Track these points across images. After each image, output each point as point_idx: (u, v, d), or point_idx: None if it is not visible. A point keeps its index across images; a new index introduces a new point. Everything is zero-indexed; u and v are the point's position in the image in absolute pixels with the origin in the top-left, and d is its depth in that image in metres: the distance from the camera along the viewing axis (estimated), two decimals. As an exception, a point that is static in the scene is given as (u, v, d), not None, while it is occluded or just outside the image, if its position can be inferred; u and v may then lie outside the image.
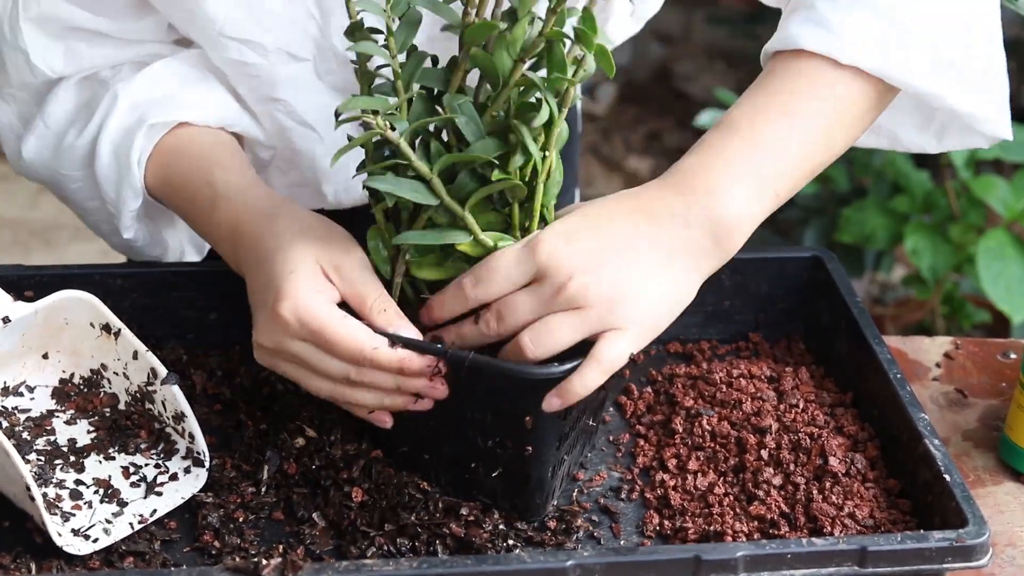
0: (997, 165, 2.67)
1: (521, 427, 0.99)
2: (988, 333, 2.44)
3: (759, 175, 1.01)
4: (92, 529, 1.00)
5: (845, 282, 1.20)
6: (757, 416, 1.11)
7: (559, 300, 0.96)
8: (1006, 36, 1.12)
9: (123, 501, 1.03)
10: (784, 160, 1.03)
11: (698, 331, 1.25)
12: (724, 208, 1.00)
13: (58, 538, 0.97)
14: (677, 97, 3.58)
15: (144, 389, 1.08)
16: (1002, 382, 1.26)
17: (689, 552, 0.93)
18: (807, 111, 1.04)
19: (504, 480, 1.02)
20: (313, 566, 0.91)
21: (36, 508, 0.97)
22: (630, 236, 0.99)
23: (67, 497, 1.02)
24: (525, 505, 1.03)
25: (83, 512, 1.02)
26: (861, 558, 0.93)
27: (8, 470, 0.98)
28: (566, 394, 0.96)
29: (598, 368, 0.96)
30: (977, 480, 1.14)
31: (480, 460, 1.02)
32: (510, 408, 0.99)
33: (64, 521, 1.00)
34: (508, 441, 1.00)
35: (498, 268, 0.98)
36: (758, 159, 1.02)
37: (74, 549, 0.98)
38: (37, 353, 1.10)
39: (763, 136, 1.02)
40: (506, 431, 1.00)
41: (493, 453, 1.01)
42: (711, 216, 1.00)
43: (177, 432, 1.07)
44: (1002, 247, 2.17)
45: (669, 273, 0.99)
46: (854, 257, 2.50)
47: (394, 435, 1.04)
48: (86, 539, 0.99)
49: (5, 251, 3.09)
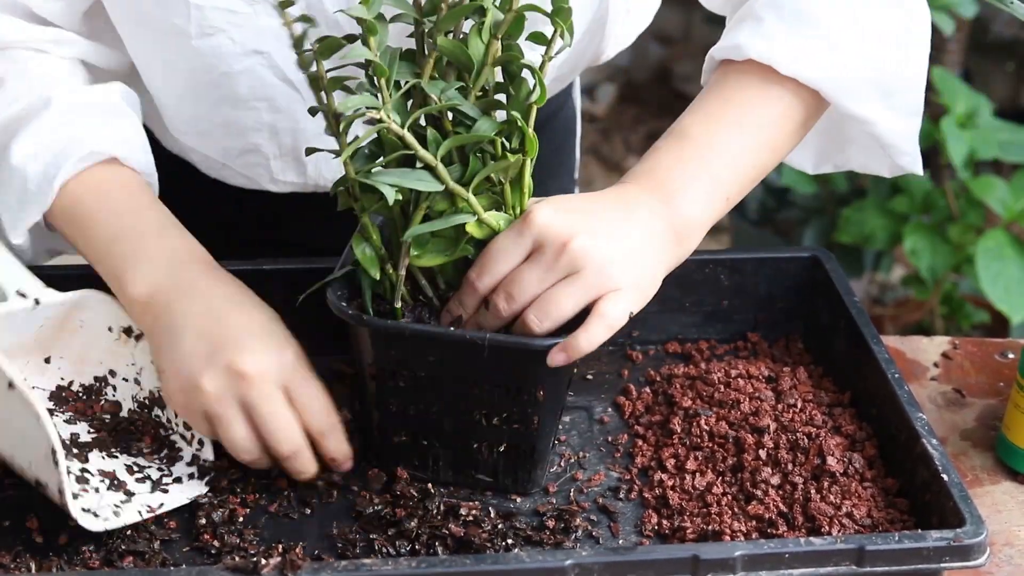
0: (996, 166, 2.67)
1: (532, 400, 1.01)
2: (987, 333, 2.45)
3: (714, 182, 1.06)
4: (102, 510, 1.00)
5: (844, 282, 1.20)
6: (755, 416, 1.11)
7: (561, 263, 0.99)
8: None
9: (130, 491, 1.03)
10: (736, 168, 1.08)
11: (697, 331, 1.26)
12: (685, 210, 1.05)
13: (73, 509, 0.96)
14: (677, 97, 3.58)
15: (156, 395, 1.08)
16: (1000, 382, 1.26)
17: (687, 552, 0.93)
18: (756, 121, 1.09)
19: (508, 456, 1.05)
20: (312, 565, 0.92)
21: (57, 473, 0.96)
22: (614, 217, 1.02)
23: (74, 481, 1.02)
24: (527, 478, 1.06)
25: (91, 496, 1.01)
26: (859, 557, 0.94)
27: (29, 434, 0.97)
28: (572, 349, 0.98)
29: (602, 323, 0.99)
30: (975, 480, 1.14)
31: (486, 438, 1.04)
32: (521, 383, 1.01)
33: (74, 498, 1.00)
34: (516, 416, 1.03)
35: (497, 250, 1.00)
36: (713, 167, 1.06)
37: (86, 522, 0.97)
38: (40, 356, 1.10)
39: (718, 145, 1.07)
40: (515, 406, 1.02)
41: (499, 430, 1.03)
42: (674, 216, 1.04)
43: (184, 440, 1.07)
44: (1001, 247, 2.18)
45: (648, 254, 1.03)
46: (853, 257, 2.50)
47: (390, 426, 1.05)
48: (96, 517, 0.99)
49: (5, 251, 3.09)
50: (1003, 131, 2.31)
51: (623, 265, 1.00)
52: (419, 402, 1.03)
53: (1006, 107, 3.09)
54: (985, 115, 2.30)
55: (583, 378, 1.21)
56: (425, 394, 1.03)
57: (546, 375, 1.00)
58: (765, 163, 1.10)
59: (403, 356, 1.01)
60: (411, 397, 1.03)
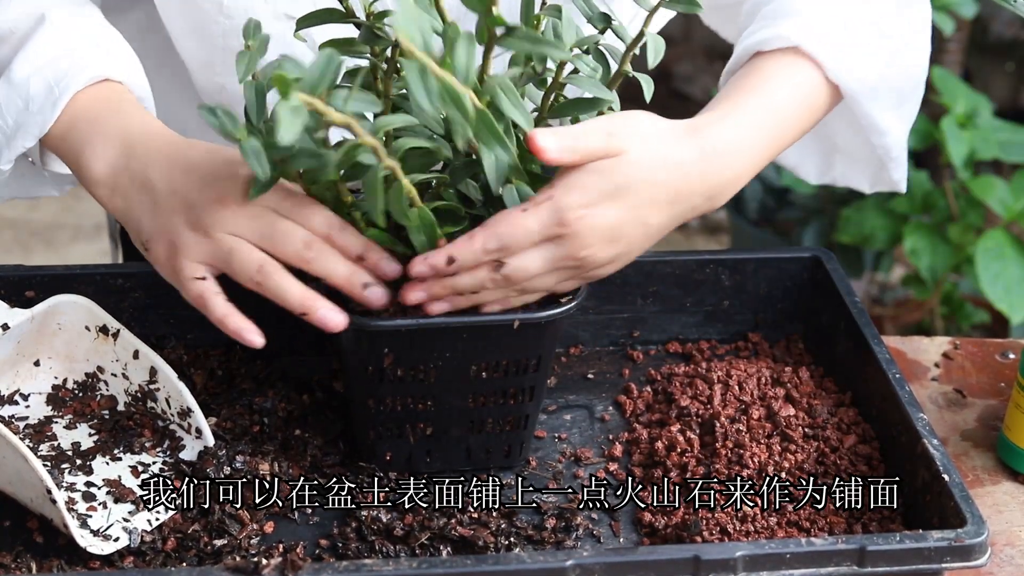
0: (996, 166, 2.67)
1: (528, 373, 1.04)
2: (987, 333, 2.45)
3: (762, 155, 1.04)
4: (111, 528, 1.00)
5: (844, 282, 1.20)
6: (756, 416, 1.11)
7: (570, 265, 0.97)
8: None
9: (137, 499, 1.03)
10: (776, 145, 1.06)
11: (697, 331, 1.26)
12: (731, 172, 1.02)
13: (81, 540, 0.97)
14: (677, 97, 3.58)
15: (145, 388, 1.08)
16: (1001, 382, 1.26)
17: (688, 552, 0.93)
18: (787, 105, 1.07)
19: (504, 431, 1.07)
20: (313, 566, 0.92)
21: (57, 511, 0.97)
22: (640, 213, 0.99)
23: (80, 499, 1.02)
24: (518, 452, 1.10)
25: (99, 513, 1.01)
26: (860, 558, 0.94)
27: (24, 475, 0.98)
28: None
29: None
30: (976, 480, 1.14)
31: (481, 418, 1.06)
32: (519, 357, 1.03)
33: (82, 524, 1.00)
34: (511, 392, 1.05)
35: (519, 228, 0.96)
36: (763, 141, 1.04)
37: (98, 549, 0.98)
38: (29, 361, 1.10)
39: (766, 120, 1.05)
40: (511, 382, 1.04)
41: (492, 408, 1.06)
42: (719, 180, 1.01)
43: (183, 428, 1.07)
44: (1001, 247, 2.18)
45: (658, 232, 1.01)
46: (853, 257, 2.50)
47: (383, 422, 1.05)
48: (107, 539, 0.99)
49: (6, 251, 3.10)
50: (1003, 131, 2.31)
51: (623, 261, 1.00)
52: (413, 394, 1.04)
53: (1006, 107, 3.10)
54: (985, 115, 2.30)
55: (584, 377, 1.22)
56: (419, 386, 1.03)
57: (544, 345, 1.02)
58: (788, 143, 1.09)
59: (396, 352, 1.01)
60: (404, 390, 1.03)
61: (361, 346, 1.01)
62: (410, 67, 0.85)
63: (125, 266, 1.20)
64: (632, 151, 0.96)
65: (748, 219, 2.74)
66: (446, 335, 1.00)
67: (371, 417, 1.04)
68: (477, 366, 1.03)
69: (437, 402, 1.04)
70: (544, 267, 0.97)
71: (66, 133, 1.04)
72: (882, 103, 1.12)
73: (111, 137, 1.02)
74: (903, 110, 1.14)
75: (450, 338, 1.00)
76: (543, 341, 1.03)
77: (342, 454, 1.09)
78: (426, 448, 1.07)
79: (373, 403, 1.04)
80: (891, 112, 1.13)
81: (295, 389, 1.14)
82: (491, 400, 1.05)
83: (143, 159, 1.00)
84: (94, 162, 1.02)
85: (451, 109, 0.88)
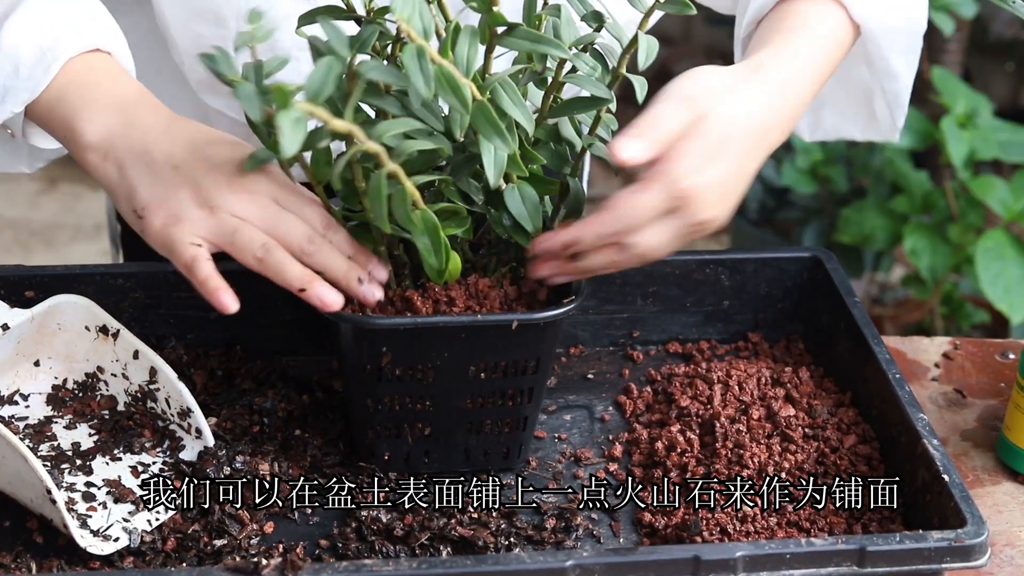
0: (996, 166, 2.67)
1: (533, 372, 1.04)
2: (987, 333, 2.45)
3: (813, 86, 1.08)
4: (111, 529, 1.00)
5: (844, 282, 1.20)
6: (756, 416, 1.11)
7: (684, 232, 1.00)
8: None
9: (137, 500, 1.03)
10: (820, 78, 1.10)
11: (697, 331, 1.26)
12: (797, 100, 1.06)
13: (81, 540, 0.97)
14: (676, 97, 3.57)
15: (145, 388, 1.08)
16: (1001, 382, 1.26)
17: (688, 552, 0.93)
18: (827, 41, 1.10)
19: (502, 433, 1.07)
20: (313, 566, 0.92)
21: (57, 511, 0.97)
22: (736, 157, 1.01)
23: (80, 499, 1.02)
24: (517, 453, 1.09)
25: (99, 513, 1.01)
26: (860, 558, 0.94)
27: (24, 475, 0.98)
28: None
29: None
30: (976, 480, 1.14)
31: (480, 419, 1.06)
32: (519, 357, 1.03)
33: (82, 525, 1.00)
34: (511, 393, 1.05)
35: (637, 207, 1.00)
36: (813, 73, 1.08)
37: (97, 549, 0.98)
38: (29, 361, 1.10)
39: (813, 53, 1.08)
40: (511, 383, 1.04)
41: (492, 409, 1.05)
42: (790, 112, 1.05)
43: (183, 428, 1.07)
44: (1001, 247, 2.18)
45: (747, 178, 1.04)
46: (853, 257, 2.50)
47: (382, 423, 1.05)
48: (106, 539, 0.99)
49: (6, 251, 3.10)
50: (1003, 131, 2.30)
51: (731, 212, 1.02)
52: (411, 394, 1.04)
53: (1006, 107, 3.09)
54: (985, 115, 2.30)
55: (584, 377, 1.22)
56: (417, 385, 1.03)
57: (544, 346, 1.03)
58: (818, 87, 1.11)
59: (394, 350, 1.01)
60: (402, 390, 1.03)
61: (359, 345, 1.01)
62: (408, 51, 0.86)
63: (125, 266, 1.20)
64: (715, 107, 1.00)
65: (748, 219, 2.74)
66: (444, 335, 1.00)
67: (370, 417, 1.04)
68: (476, 366, 1.02)
69: (435, 402, 1.04)
70: (669, 239, 1.00)
71: (57, 98, 1.03)
72: (899, 47, 1.16)
73: (107, 105, 1.02)
74: (911, 57, 1.18)
75: (448, 338, 1.00)
76: (542, 342, 1.03)
77: (342, 454, 1.09)
78: (424, 448, 1.07)
79: (371, 402, 1.04)
80: (904, 57, 1.17)
81: (295, 389, 1.15)
82: (490, 401, 1.05)
83: (142, 129, 1.01)
84: (88, 126, 1.02)
85: (449, 96, 0.88)
